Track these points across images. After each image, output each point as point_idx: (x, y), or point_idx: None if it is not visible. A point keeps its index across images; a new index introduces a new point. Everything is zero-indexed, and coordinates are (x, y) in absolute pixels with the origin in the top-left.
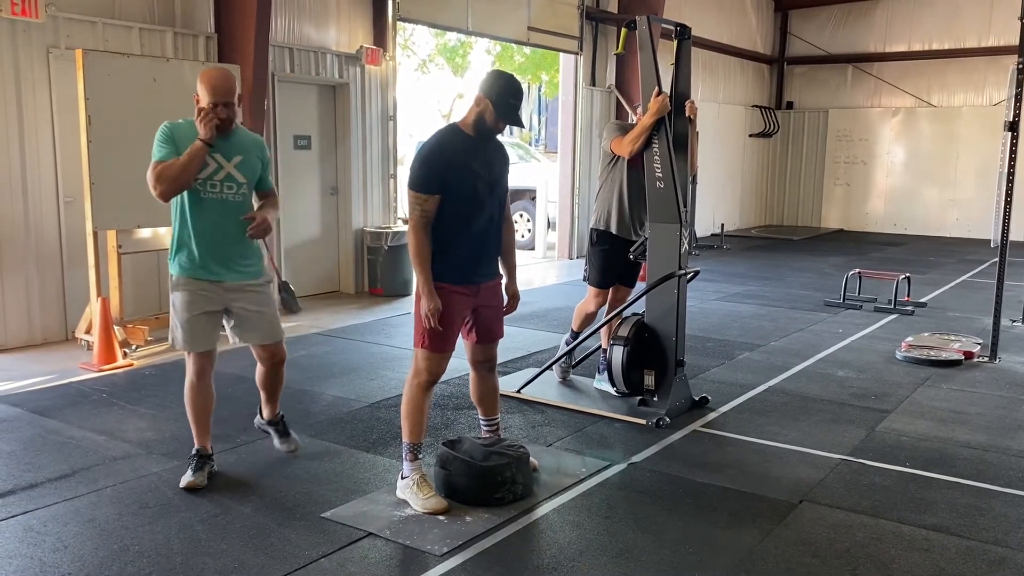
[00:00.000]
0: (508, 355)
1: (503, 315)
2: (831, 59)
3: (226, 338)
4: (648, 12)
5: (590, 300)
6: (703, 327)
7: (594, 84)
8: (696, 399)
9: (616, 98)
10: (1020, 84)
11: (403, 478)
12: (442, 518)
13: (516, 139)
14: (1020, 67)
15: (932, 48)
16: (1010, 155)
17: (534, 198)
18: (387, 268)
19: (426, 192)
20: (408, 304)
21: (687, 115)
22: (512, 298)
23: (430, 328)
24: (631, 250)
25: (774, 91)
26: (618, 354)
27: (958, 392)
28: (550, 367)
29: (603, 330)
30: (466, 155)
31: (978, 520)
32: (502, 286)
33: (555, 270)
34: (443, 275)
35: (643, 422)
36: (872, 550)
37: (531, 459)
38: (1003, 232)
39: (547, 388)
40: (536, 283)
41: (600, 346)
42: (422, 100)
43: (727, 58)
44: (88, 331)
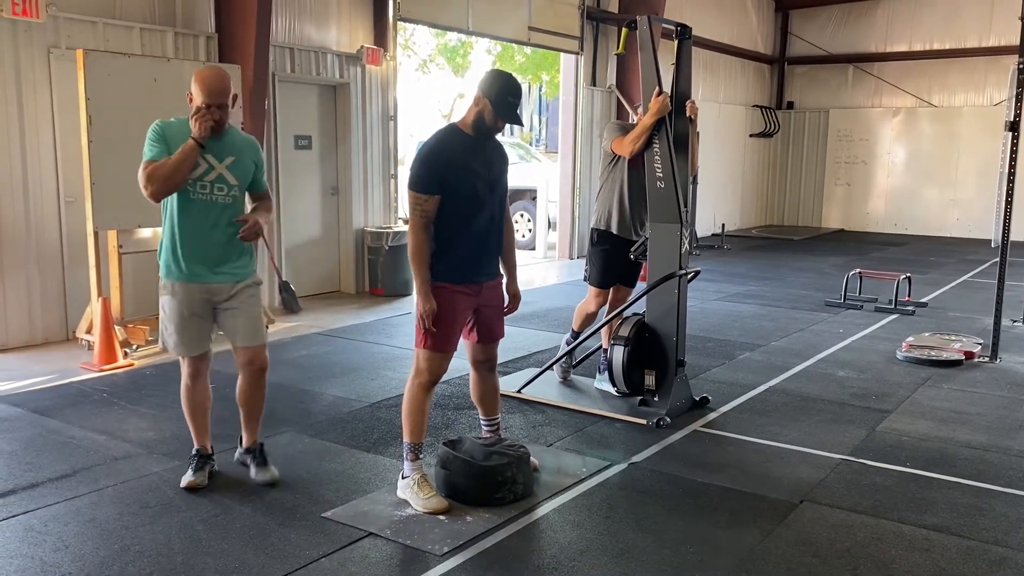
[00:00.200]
0: (509, 355)
1: (504, 315)
2: (832, 59)
3: (221, 339)
4: (649, 12)
5: (591, 300)
6: (704, 327)
7: (595, 84)
8: (697, 399)
9: (617, 98)
10: (1021, 84)
11: (404, 478)
12: (443, 518)
13: (517, 139)
14: (1021, 67)
15: (933, 48)
16: (1011, 155)
17: (535, 198)
18: (388, 268)
19: (426, 192)
20: (409, 304)
21: (688, 115)
22: (513, 298)
23: (429, 328)
24: (632, 250)
25: (775, 91)
26: (619, 354)
27: (959, 392)
28: (551, 367)
29: (604, 330)
30: (466, 155)
31: (979, 520)
32: (503, 286)
33: (555, 270)
34: (444, 275)
35: (644, 422)
36: (873, 550)
37: (532, 459)
38: (1004, 232)
39: (548, 388)
40: (537, 283)
41: (601, 346)
42: (423, 100)
43: (728, 58)
44: (89, 331)
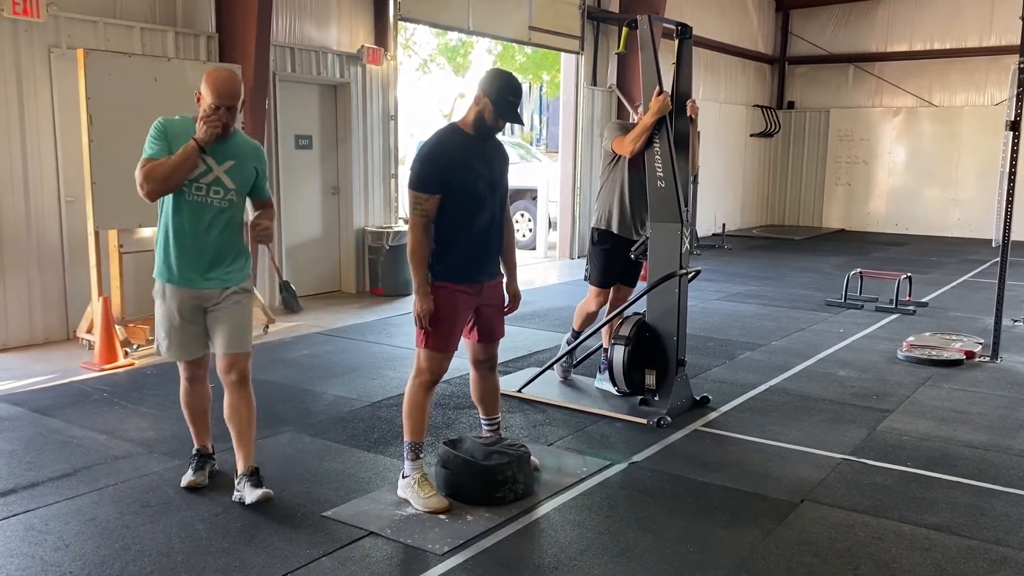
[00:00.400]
0: (509, 355)
1: (504, 314)
2: (832, 59)
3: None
4: (649, 11)
5: (591, 300)
6: (704, 327)
7: (595, 84)
8: (697, 398)
9: (617, 97)
10: (1021, 84)
11: (404, 477)
12: (443, 517)
13: (517, 139)
14: (1021, 66)
15: (933, 48)
16: (1011, 155)
17: (535, 198)
18: (388, 268)
19: (426, 192)
20: (409, 304)
21: (688, 115)
22: (513, 297)
23: (426, 328)
24: (632, 249)
25: (775, 91)
26: (619, 353)
27: (959, 392)
28: (551, 366)
29: (604, 330)
30: (466, 154)
31: (979, 520)
32: (503, 285)
33: (556, 270)
34: (445, 275)
35: (644, 421)
36: (873, 549)
37: (532, 458)
38: (1005, 232)
39: (548, 387)
40: (537, 283)
41: (601, 345)
42: (423, 100)
43: (728, 58)
44: (89, 330)
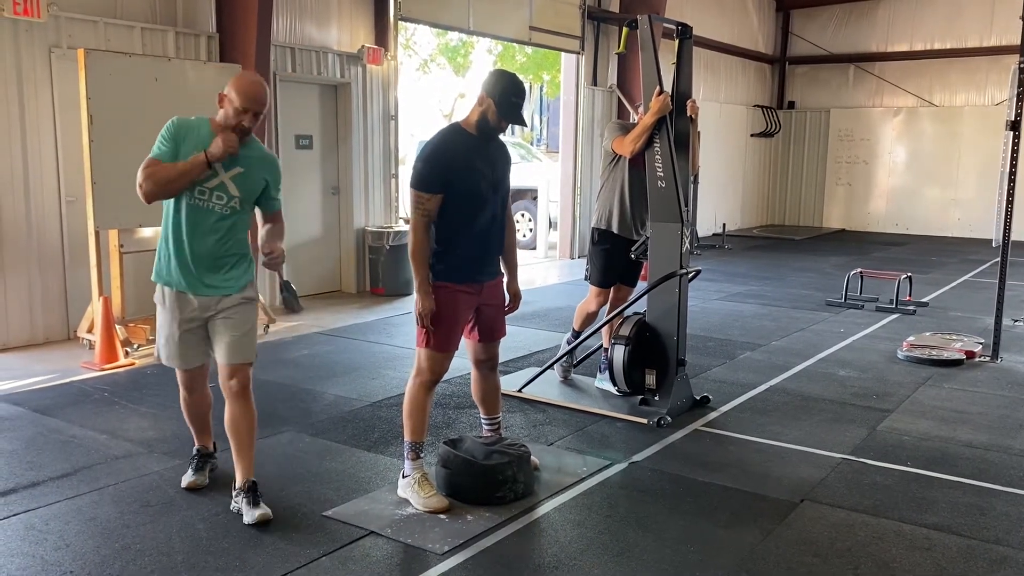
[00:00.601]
0: (509, 354)
1: (505, 314)
2: (833, 59)
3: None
4: (649, 11)
5: (591, 299)
6: (704, 326)
7: (595, 84)
8: (697, 398)
9: (617, 97)
10: (1022, 83)
11: (404, 477)
12: (443, 517)
13: (518, 139)
14: (1022, 66)
15: (934, 48)
16: (1012, 155)
17: (535, 198)
18: (388, 267)
19: (428, 191)
20: (409, 304)
21: (688, 114)
22: (514, 297)
23: (427, 327)
24: (632, 249)
25: (776, 91)
26: (619, 353)
27: (960, 392)
28: (551, 366)
29: (604, 329)
30: (469, 154)
31: (979, 519)
32: (504, 284)
33: (556, 270)
34: (446, 274)
35: (644, 421)
36: (873, 549)
37: (532, 458)
38: (1005, 232)
39: (548, 387)
40: (537, 283)
41: (601, 345)
42: (424, 100)
43: (729, 58)
44: (90, 330)
